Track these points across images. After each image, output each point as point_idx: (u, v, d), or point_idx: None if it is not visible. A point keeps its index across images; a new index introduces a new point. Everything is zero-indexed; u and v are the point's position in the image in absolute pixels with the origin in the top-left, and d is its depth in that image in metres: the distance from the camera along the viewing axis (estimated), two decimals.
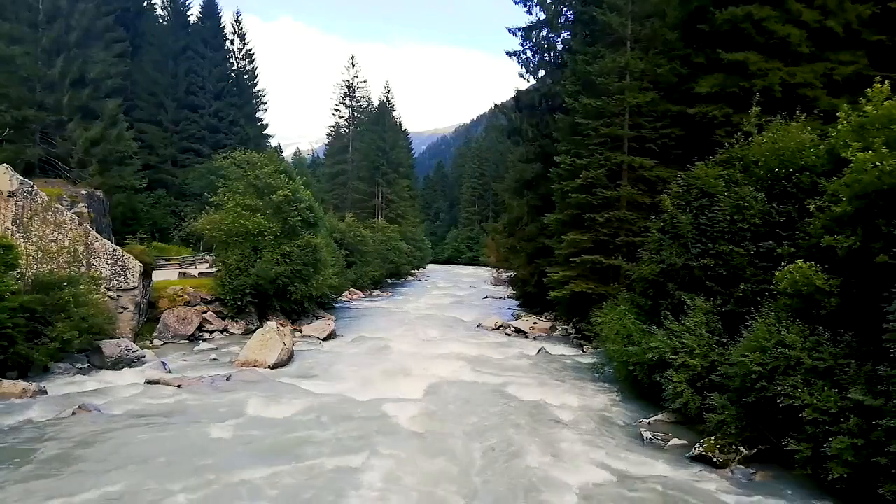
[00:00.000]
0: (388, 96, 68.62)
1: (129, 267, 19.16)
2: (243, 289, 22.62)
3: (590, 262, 20.61)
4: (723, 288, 12.22)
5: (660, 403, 12.53)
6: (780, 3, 17.03)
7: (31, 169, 26.74)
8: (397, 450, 10.27)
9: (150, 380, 14.49)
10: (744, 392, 9.96)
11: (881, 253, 8.74)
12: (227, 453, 9.94)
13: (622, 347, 14.02)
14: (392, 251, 50.96)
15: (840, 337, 9.26)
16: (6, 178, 17.60)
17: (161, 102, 43.87)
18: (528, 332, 24.67)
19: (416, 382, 15.33)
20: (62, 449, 9.80)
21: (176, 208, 41.68)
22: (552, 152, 23.79)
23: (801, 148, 12.01)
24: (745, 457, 9.99)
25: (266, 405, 12.71)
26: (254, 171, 24.99)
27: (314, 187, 39.27)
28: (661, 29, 20.66)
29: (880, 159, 8.81)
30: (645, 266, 14.45)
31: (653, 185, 19.93)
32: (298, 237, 24.40)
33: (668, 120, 20.31)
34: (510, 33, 29.85)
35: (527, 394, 14.52)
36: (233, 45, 50.05)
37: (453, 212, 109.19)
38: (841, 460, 8.14)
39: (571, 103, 22.19)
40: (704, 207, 13.11)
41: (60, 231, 18.12)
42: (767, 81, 16.59)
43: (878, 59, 16.86)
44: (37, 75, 27.97)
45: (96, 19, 31.72)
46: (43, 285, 15.39)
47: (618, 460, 10.17)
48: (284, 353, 17.43)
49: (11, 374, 13.76)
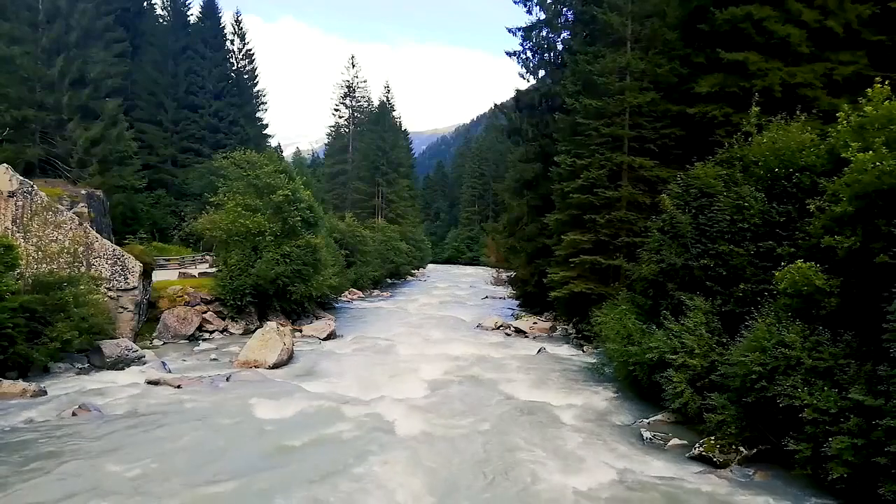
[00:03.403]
0: (388, 96, 68.63)
1: (129, 267, 19.16)
2: (243, 289, 22.63)
3: (589, 263, 20.60)
4: (723, 288, 12.22)
5: (660, 403, 12.54)
6: (780, 3, 17.02)
7: (31, 169, 26.74)
8: (397, 450, 10.26)
9: (150, 380, 14.49)
10: (744, 392, 9.96)
11: (881, 253, 8.74)
12: (227, 453, 9.94)
13: (622, 347, 14.02)
14: (392, 251, 50.96)
15: (840, 337, 9.26)
16: (6, 178, 17.60)
17: (161, 102, 43.85)
18: (528, 332, 24.66)
19: (416, 382, 15.34)
20: (62, 449, 9.80)
21: (176, 208, 41.66)
22: (552, 152, 23.77)
23: (801, 148, 12.01)
24: (745, 457, 9.99)
25: (266, 405, 12.70)
26: (254, 171, 25.00)
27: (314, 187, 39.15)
28: (661, 29, 20.65)
29: (880, 159, 8.81)
30: (645, 266, 14.45)
31: (653, 186, 19.91)
32: (298, 237, 24.41)
33: (668, 120, 20.30)
34: (510, 33, 29.85)
35: (527, 394, 14.53)
36: (233, 45, 50.04)
37: (453, 212, 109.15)
38: (841, 460, 8.14)
39: (572, 103, 22.17)
40: (704, 207, 13.12)
41: (60, 231, 18.12)
42: (767, 81, 16.59)
43: (878, 59, 16.86)
44: (37, 75, 27.95)
45: (96, 19, 31.67)
46: (43, 285, 15.40)
47: (618, 460, 10.17)
48: (284, 354, 17.43)
49: (11, 374, 13.76)
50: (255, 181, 24.71)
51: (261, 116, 52.71)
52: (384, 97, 68.37)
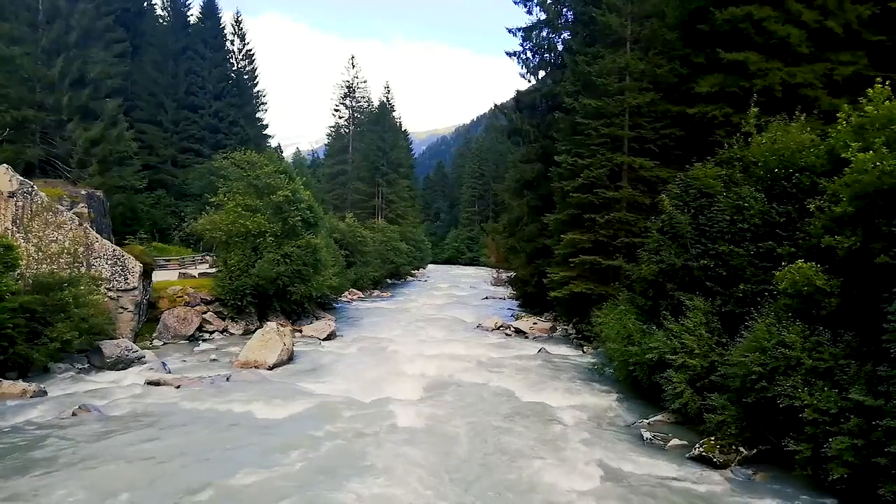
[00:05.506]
0: (388, 96, 68.70)
1: (129, 267, 19.15)
2: (243, 289, 22.62)
3: (589, 263, 20.60)
4: (722, 288, 12.22)
5: (660, 404, 12.54)
6: (779, 4, 17.03)
7: (31, 169, 26.71)
8: (398, 450, 10.25)
9: (150, 380, 14.49)
10: (744, 392, 9.96)
11: (881, 253, 8.74)
12: (227, 454, 9.94)
13: (622, 348, 14.02)
14: (392, 251, 50.95)
15: (840, 337, 9.26)
16: (6, 179, 17.60)
17: (161, 102, 43.85)
18: (528, 333, 24.66)
19: (416, 383, 15.33)
20: (62, 449, 9.80)
21: (176, 208, 41.65)
22: (552, 152, 23.76)
23: (801, 148, 12.01)
24: (745, 457, 9.99)
25: (266, 406, 12.72)
26: (254, 172, 25.00)
27: (314, 187, 39.24)
28: (661, 29, 20.64)
29: (880, 159, 8.81)
30: (644, 266, 14.45)
31: (653, 186, 19.90)
32: (299, 237, 24.40)
33: (668, 120, 20.30)
34: (510, 33, 29.84)
35: (527, 394, 14.52)
36: (233, 45, 50.04)
37: (453, 212, 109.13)
38: (841, 461, 8.14)
39: (571, 103, 22.19)
40: (703, 208, 13.12)
41: (60, 231, 18.12)
42: (767, 81, 16.59)
43: (878, 60, 16.86)
44: (37, 75, 27.91)
45: (96, 19, 31.63)
46: (43, 286, 15.38)
47: (618, 460, 10.17)
48: (284, 354, 17.43)
49: (11, 374, 13.76)
50: (256, 181, 24.71)
51: (261, 117, 52.72)
52: (384, 97, 68.49)
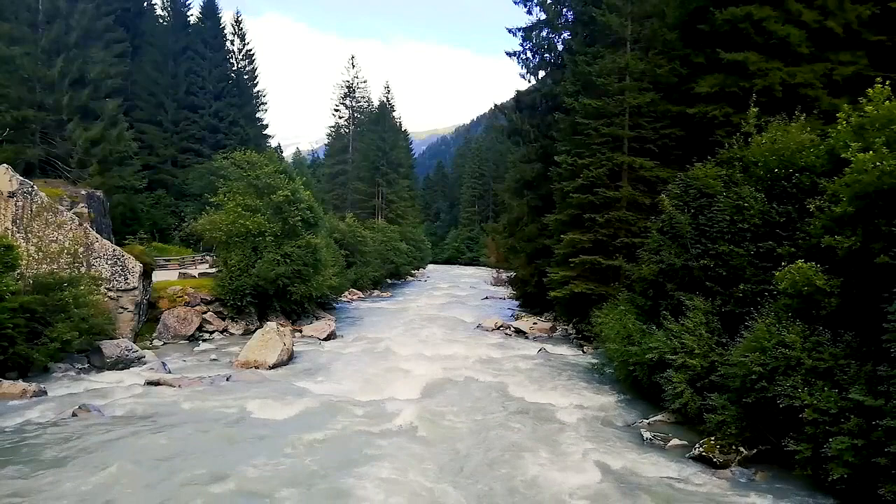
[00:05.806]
0: (388, 96, 68.71)
1: (129, 267, 19.16)
2: (243, 289, 22.63)
3: (589, 263, 20.59)
4: (722, 288, 12.21)
5: (660, 404, 12.54)
6: (779, 4, 17.01)
7: (31, 169, 26.70)
8: (398, 450, 10.26)
9: (150, 380, 14.49)
10: (744, 392, 9.96)
11: (881, 253, 8.73)
12: (227, 454, 9.93)
13: (622, 348, 14.02)
14: (392, 251, 50.94)
15: (840, 337, 9.25)
16: (6, 179, 17.60)
17: (161, 102, 43.84)
18: (528, 333, 24.66)
19: (416, 383, 15.34)
20: (62, 450, 9.80)
21: (176, 208, 41.64)
22: (552, 152, 23.75)
23: (801, 148, 12.00)
24: (745, 457, 9.99)
25: (266, 406, 12.71)
26: (254, 172, 25.01)
27: (314, 187, 39.23)
28: (661, 29, 20.61)
29: (880, 159, 8.80)
30: (644, 266, 14.46)
31: (653, 186, 19.90)
32: (299, 237, 24.41)
33: (668, 120, 20.28)
34: (510, 33, 29.79)
35: (527, 394, 14.52)
36: (233, 45, 50.01)
37: (453, 212, 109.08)
38: (841, 461, 8.14)
39: (571, 103, 22.18)
40: (703, 208, 13.12)
41: (60, 231, 18.12)
42: (767, 81, 16.58)
43: (878, 60, 16.85)
44: (37, 75, 27.91)
45: (96, 19, 31.65)
46: (43, 286, 15.40)
47: (618, 460, 10.16)
48: (284, 354, 17.43)
49: (11, 374, 13.77)
50: (256, 181, 24.72)
51: (261, 117, 52.67)
52: (384, 97, 68.51)
